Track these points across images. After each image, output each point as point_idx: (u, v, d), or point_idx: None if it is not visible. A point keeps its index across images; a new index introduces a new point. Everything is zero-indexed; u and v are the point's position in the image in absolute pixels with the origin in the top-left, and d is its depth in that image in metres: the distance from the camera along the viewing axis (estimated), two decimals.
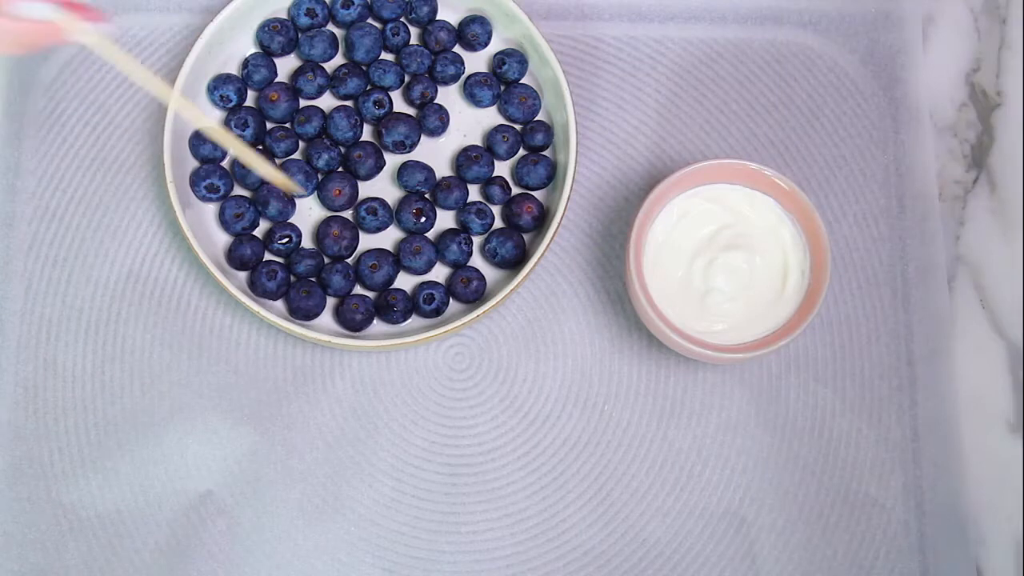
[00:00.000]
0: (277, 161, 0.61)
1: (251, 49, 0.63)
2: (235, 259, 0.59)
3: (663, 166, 0.64)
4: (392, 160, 0.62)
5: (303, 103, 0.62)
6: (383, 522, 0.59)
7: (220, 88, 0.61)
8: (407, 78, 0.63)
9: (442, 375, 0.61)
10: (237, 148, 0.58)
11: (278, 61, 0.63)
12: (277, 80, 0.62)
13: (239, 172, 0.60)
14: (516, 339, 0.61)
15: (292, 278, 0.60)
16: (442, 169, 0.62)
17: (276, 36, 0.62)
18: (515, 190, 0.62)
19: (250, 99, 0.62)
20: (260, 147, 0.61)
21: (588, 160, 0.64)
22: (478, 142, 0.63)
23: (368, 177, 0.61)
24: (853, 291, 0.63)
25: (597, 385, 0.61)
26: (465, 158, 0.61)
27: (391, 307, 0.59)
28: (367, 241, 0.61)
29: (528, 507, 0.59)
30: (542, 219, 0.61)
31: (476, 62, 0.63)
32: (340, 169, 0.61)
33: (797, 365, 0.62)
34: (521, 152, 0.62)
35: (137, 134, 0.62)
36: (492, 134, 0.62)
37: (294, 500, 0.59)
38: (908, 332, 0.62)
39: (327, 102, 0.62)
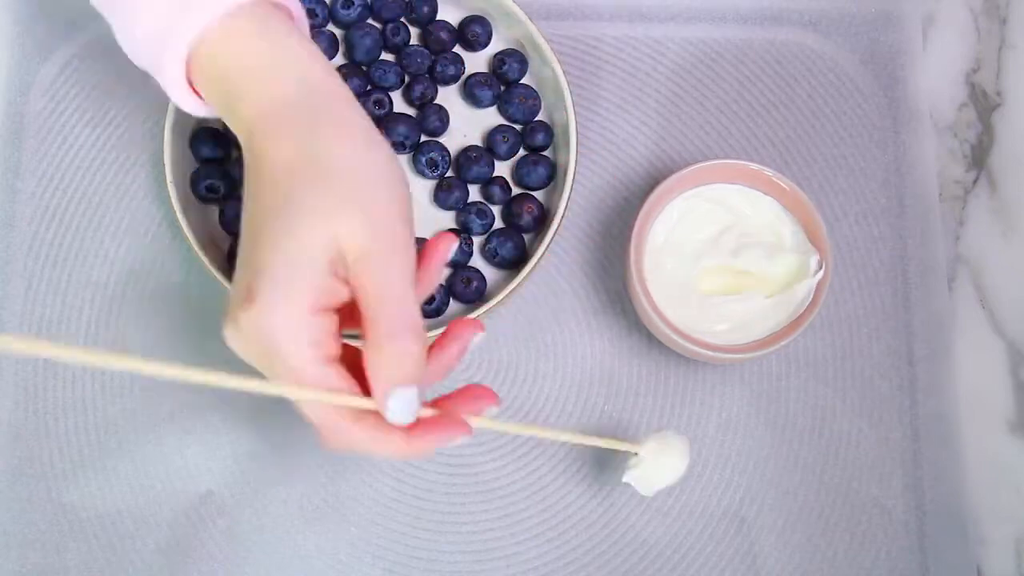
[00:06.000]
0: None
1: None
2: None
3: (663, 166, 0.64)
4: None
5: None
6: (383, 522, 0.59)
7: None
8: (407, 78, 0.63)
9: None
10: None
11: None
12: None
13: (239, 172, 0.60)
14: (516, 339, 0.61)
15: None
16: None
17: None
18: (515, 190, 0.62)
19: None
20: None
21: (588, 160, 0.64)
22: (478, 142, 0.63)
23: None
24: (853, 291, 0.63)
25: (597, 385, 0.61)
26: (465, 158, 0.61)
27: None
28: None
29: (528, 507, 0.59)
30: (542, 219, 0.61)
31: (476, 62, 0.63)
32: None
33: (797, 365, 0.62)
34: (521, 152, 0.62)
35: (137, 134, 0.62)
36: (492, 134, 0.62)
37: (294, 500, 0.59)
38: (908, 332, 0.62)
39: None
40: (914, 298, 0.63)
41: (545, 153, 0.62)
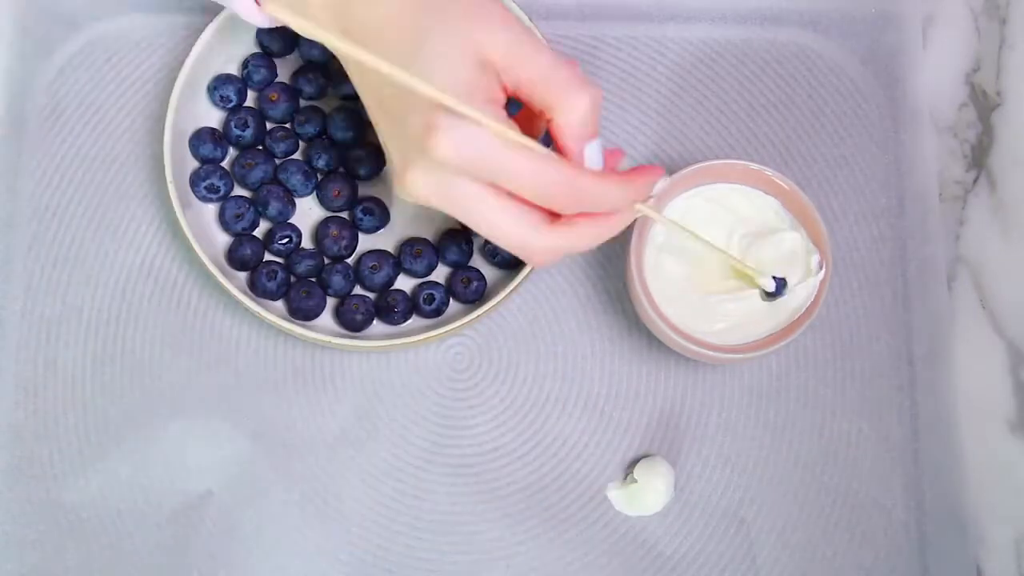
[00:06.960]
0: (277, 161, 0.61)
1: (251, 49, 0.62)
2: (235, 259, 0.59)
3: (663, 166, 0.64)
4: None
5: (303, 103, 0.62)
6: (383, 522, 0.59)
7: (220, 88, 0.61)
8: None
9: (442, 375, 0.61)
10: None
11: (278, 61, 0.63)
12: (277, 80, 0.62)
13: (239, 172, 0.60)
14: (516, 339, 0.61)
15: (292, 278, 0.60)
16: None
17: (276, 36, 0.62)
18: None
19: (250, 99, 0.62)
20: (260, 147, 0.61)
21: None
22: None
23: (368, 178, 0.61)
24: (853, 291, 0.63)
25: (597, 385, 0.61)
26: None
27: (391, 308, 0.59)
28: (367, 241, 0.61)
29: (528, 507, 0.59)
30: None
31: None
32: (340, 169, 0.61)
33: (797, 365, 0.62)
34: None
35: (137, 134, 0.62)
36: None
37: (294, 500, 0.59)
38: (908, 332, 0.62)
39: (327, 102, 0.62)
40: (914, 298, 0.63)
41: None
